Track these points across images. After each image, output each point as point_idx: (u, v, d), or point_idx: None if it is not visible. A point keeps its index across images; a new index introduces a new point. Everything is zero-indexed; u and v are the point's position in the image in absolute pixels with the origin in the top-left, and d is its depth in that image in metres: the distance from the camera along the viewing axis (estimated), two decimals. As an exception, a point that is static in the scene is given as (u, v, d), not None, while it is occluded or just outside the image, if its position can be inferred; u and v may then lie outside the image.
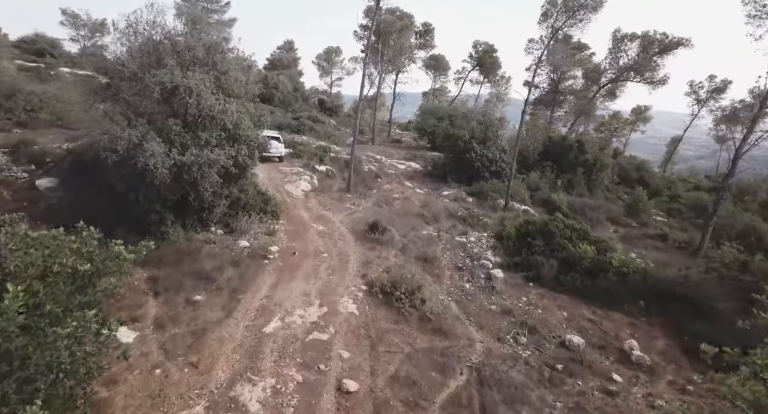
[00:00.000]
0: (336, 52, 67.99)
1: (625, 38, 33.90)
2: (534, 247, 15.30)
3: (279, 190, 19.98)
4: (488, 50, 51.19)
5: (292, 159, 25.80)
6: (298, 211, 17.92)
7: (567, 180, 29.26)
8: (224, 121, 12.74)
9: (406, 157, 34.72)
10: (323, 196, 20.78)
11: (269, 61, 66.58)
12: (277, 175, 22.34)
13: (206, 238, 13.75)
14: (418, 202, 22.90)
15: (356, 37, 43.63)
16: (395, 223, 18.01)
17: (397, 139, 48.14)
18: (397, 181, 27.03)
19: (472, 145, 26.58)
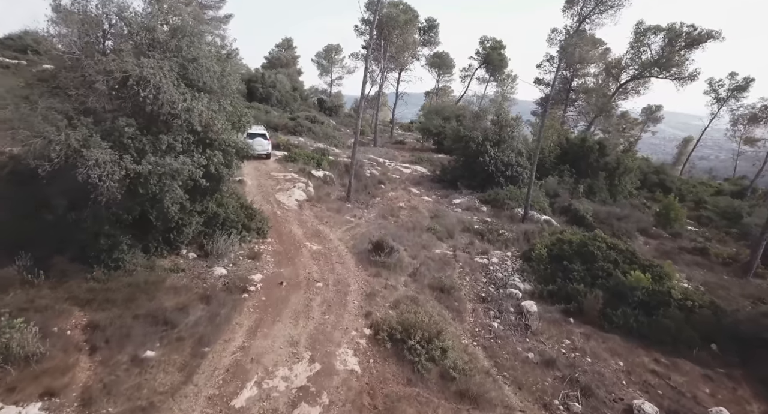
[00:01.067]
0: (336, 51, 65.44)
1: (648, 31, 31.29)
2: (571, 271, 12.63)
3: (269, 201, 17.34)
4: (496, 46, 48.52)
5: (286, 163, 23.17)
6: (290, 227, 15.27)
7: (587, 185, 26.58)
8: (191, 122, 10.10)
9: (411, 160, 32.06)
10: (320, 206, 18.13)
11: (267, 60, 64.01)
12: (268, 182, 19.70)
13: (174, 264, 11.11)
14: (427, 212, 20.26)
15: (357, 32, 41.05)
16: (403, 239, 15.37)
17: (400, 140, 45.53)
18: (402, 187, 24.38)
19: (486, 148, 23.93)
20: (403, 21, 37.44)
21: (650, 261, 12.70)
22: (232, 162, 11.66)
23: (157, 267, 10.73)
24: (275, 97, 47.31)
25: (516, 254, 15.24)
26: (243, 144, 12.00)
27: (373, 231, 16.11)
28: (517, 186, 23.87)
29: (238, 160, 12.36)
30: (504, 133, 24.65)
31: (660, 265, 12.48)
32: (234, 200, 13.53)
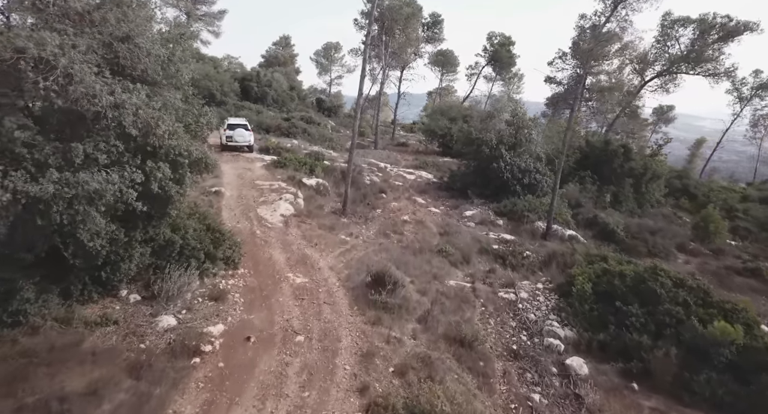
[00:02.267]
0: (335, 49, 62.58)
1: (676, 24, 28.40)
2: (627, 315, 9.72)
3: (248, 217, 14.45)
4: (504, 43, 45.56)
5: (274, 170, 20.27)
6: (271, 251, 12.36)
7: (612, 193, 23.65)
8: (121, 123, 7.21)
9: (414, 165, 29.14)
10: (310, 222, 15.22)
11: (264, 58, 61.20)
12: (251, 192, 16.80)
13: (103, 314, 8.21)
14: (435, 227, 17.36)
15: (357, 26, 38.15)
16: (409, 266, 12.48)
17: (402, 142, 42.61)
18: (406, 196, 21.47)
19: (500, 152, 21.02)
20: (405, 14, 34.55)
21: (730, 302, 9.77)
22: (184, 177, 8.76)
23: (76, 320, 7.83)
24: (271, 97, 44.54)
25: (548, 286, 12.31)
26: (201, 153, 9.10)
27: (373, 255, 13.22)
28: (536, 195, 20.96)
29: (196, 173, 9.47)
30: (521, 135, 21.74)
31: (744, 308, 9.54)
32: (196, 221, 10.63)
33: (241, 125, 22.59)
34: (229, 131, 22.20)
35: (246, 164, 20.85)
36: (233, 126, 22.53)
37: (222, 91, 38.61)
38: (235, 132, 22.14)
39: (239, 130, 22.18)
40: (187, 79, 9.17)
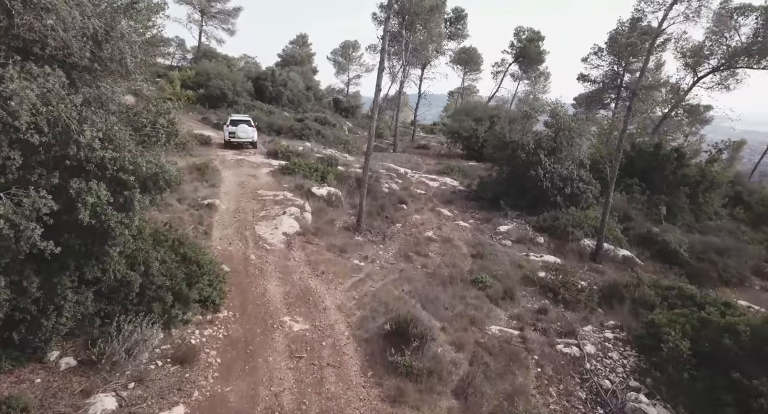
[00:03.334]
0: (353, 47, 60.10)
1: (735, 13, 25.11)
2: (753, 393, 6.86)
3: (243, 236, 11.97)
4: (533, 38, 42.36)
5: (281, 177, 17.80)
6: (265, 283, 9.83)
7: (664, 204, 20.52)
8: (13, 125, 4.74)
9: (438, 170, 26.40)
10: (317, 242, 12.65)
11: (281, 57, 59.10)
12: (251, 204, 14.34)
13: (8, 397, 5.75)
14: (466, 247, 14.65)
15: (375, 20, 35.62)
16: (438, 304, 9.84)
17: (423, 144, 39.87)
18: (429, 207, 18.77)
19: (539, 157, 18.16)
20: (428, 7, 31.83)
21: None
22: (132, 200, 6.23)
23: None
24: (286, 97, 42.33)
25: (620, 336, 9.45)
26: (156, 167, 6.59)
27: (392, 287, 10.60)
28: (580, 207, 18.04)
29: (153, 193, 6.97)
30: (562, 138, 18.82)
31: None
32: (167, 250, 8.14)
33: (244, 121, 22.15)
34: (231, 127, 21.76)
35: (250, 170, 18.44)
36: (236, 122, 22.09)
37: (234, 91, 36.52)
38: (237, 128, 21.67)
39: (242, 126, 21.72)
40: (133, 64, 6.63)
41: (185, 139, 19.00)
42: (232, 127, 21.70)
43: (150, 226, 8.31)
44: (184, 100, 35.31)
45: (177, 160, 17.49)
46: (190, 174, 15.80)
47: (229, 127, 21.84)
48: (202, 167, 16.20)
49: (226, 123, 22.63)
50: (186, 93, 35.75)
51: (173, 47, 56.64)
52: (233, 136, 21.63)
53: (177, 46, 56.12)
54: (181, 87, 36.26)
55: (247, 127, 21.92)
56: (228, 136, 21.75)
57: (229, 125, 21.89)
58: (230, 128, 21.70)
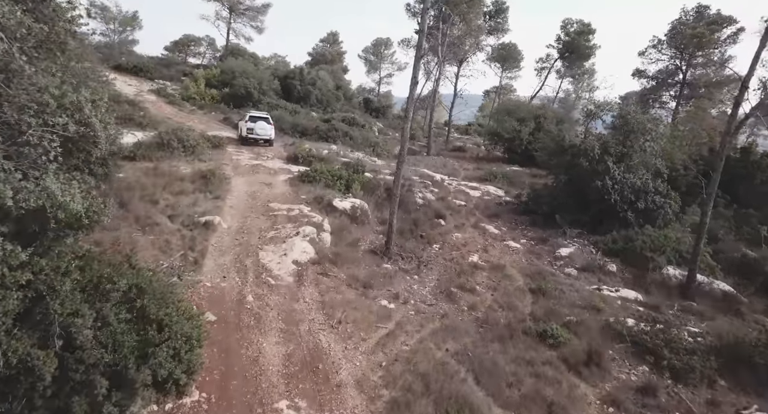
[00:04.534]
0: (386, 45, 57.48)
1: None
2: None
3: (243, 266, 9.39)
4: (583, 31, 38.51)
5: (300, 185, 15.25)
6: (262, 341, 7.18)
7: (755, 220, 16.86)
8: None
9: (478, 176, 23.33)
10: (336, 274, 9.95)
11: (311, 56, 57.03)
12: (259, 221, 11.78)
13: None
14: (521, 277, 11.68)
15: (409, 12, 32.85)
16: (498, 376, 6.97)
17: (458, 146, 36.80)
18: (472, 222, 15.81)
19: (606, 165, 14.93)
20: (467, -3, 28.87)
21: None
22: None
23: None
24: (315, 97, 39.96)
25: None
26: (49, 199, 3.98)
27: (432, 344, 7.79)
28: (656, 225, 14.73)
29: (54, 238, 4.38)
30: (633, 141, 15.51)
31: None
32: (113, 306, 5.56)
33: (263, 118, 21.66)
34: (250, 123, 21.07)
35: (266, 177, 15.97)
36: (255, 118, 21.45)
37: (260, 90, 34.41)
38: (256, 125, 21.03)
39: (260, 123, 21.16)
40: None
41: (195, 142, 16.74)
42: (250, 124, 20.99)
43: (90, 267, 5.76)
44: (208, 99, 33.52)
45: (183, 166, 15.27)
46: (193, 183, 13.41)
47: (247, 123, 21.07)
48: (208, 175, 13.78)
49: (243, 119, 22.00)
50: (210, 92, 33.91)
51: (203, 46, 55.56)
52: (251, 133, 20.89)
53: (207, 45, 54.97)
54: (205, 86, 34.46)
55: (265, 125, 21.25)
56: (246, 132, 20.90)
57: (248, 121, 21.15)
58: (248, 124, 20.96)
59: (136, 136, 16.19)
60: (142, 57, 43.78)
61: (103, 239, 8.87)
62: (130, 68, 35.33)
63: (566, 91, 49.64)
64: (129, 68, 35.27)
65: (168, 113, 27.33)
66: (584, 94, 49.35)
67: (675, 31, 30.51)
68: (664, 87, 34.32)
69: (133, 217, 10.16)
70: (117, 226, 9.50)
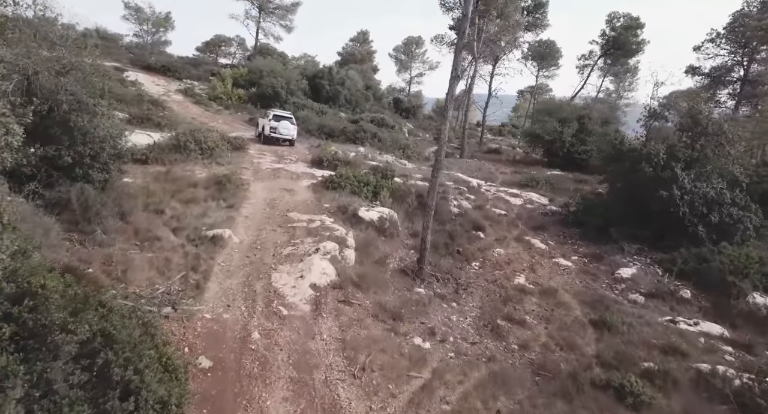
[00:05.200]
0: (417, 44, 55.91)
1: None
2: None
3: (251, 291, 7.95)
4: (630, 26, 35.86)
5: (323, 192, 13.82)
6: (265, 396, 5.71)
7: None
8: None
9: (517, 182, 21.40)
10: (359, 301, 8.42)
11: (340, 55, 55.95)
12: (275, 235, 10.37)
13: None
14: (577, 304, 9.90)
15: (443, 7, 31.02)
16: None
17: (493, 148, 34.80)
18: (514, 235, 14.03)
19: (674, 173, 12.88)
20: (506, -11, 26.92)
21: None
22: None
23: None
24: (344, 96, 38.77)
25: None
26: None
27: (478, 401, 6.16)
28: (733, 242, 12.59)
29: None
30: (705, 145, 13.37)
31: None
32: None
33: (287, 118, 21.52)
34: (274, 122, 20.94)
35: (287, 183, 14.63)
36: (279, 117, 21.28)
37: (288, 89, 33.35)
38: (280, 124, 20.87)
39: (284, 122, 20.99)
40: None
41: (213, 144, 15.55)
42: (274, 123, 20.87)
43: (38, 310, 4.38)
44: (234, 99, 32.69)
45: (199, 170, 14.07)
46: (206, 189, 12.14)
47: (271, 122, 20.90)
48: (223, 180, 12.48)
49: (266, 117, 21.72)
50: (237, 92, 33.09)
51: (234, 47, 55.28)
52: (274, 132, 20.76)
53: (238, 45, 54.66)
54: (232, 85, 33.66)
55: (288, 125, 21.05)
56: (269, 131, 20.70)
57: (272, 120, 21.00)
58: (272, 123, 20.85)
59: (152, 137, 15.12)
60: (171, 56, 43.58)
61: (92, 258, 7.62)
62: (158, 68, 34.94)
63: (606, 91, 46.77)
64: (158, 68, 34.89)
65: (194, 113, 26.54)
66: (626, 94, 46.51)
67: (736, 24, 27.71)
68: (721, 85, 31.39)
69: (132, 230, 8.90)
70: (112, 242, 8.24)
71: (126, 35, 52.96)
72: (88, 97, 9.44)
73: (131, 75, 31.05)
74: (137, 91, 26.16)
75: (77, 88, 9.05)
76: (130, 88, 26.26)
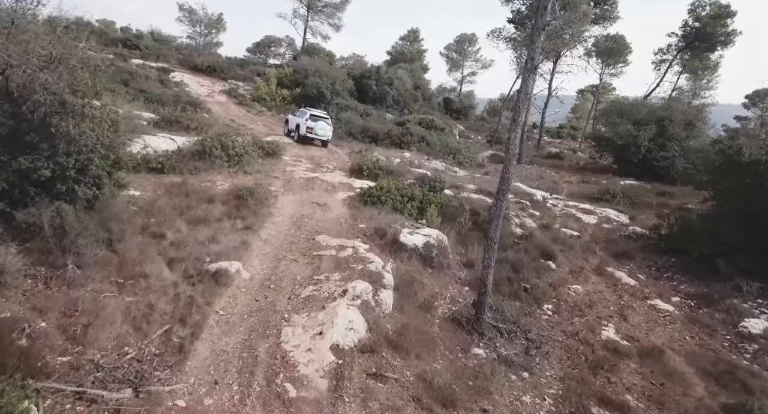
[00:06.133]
0: (470, 41, 52.83)
1: None
2: None
3: (252, 356, 5.86)
4: (719, 14, 31.33)
5: (361, 208, 11.64)
6: None
7: None
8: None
9: (586, 193, 18.33)
10: (397, 372, 6.15)
11: (389, 54, 53.88)
12: (297, 267, 8.27)
13: None
14: (695, 374, 7.15)
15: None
16: None
17: (553, 152, 31.45)
18: (593, 265, 11.25)
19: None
20: (573, -25, 23.73)
21: None
22: None
23: None
24: (391, 97, 36.61)
25: None
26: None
27: None
28: None
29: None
30: None
31: None
32: None
33: (323, 118, 20.89)
34: (311, 122, 20.37)
35: (321, 196, 12.59)
36: (316, 118, 20.64)
37: (333, 90, 31.59)
38: (317, 124, 20.31)
39: (321, 123, 20.41)
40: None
41: (242, 150, 13.80)
42: (311, 123, 20.30)
43: None
44: (278, 99, 31.33)
45: (221, 180, 12.31)
46: (224, 205, 10.28)
47: (308, 122, 20.28)
48: (244, 194, 10.58)
49: (296, 114, 21.32)
50: (281, 92, 31.70)
51: (283, 47, 54.55)
52: (311, 132, 20.20)
53: (287, 45, 53.86)
54: (276, 86, 32.33)
55: (325, 125, 20.46)
56: (305, 130, 20.11)
57: (308, 120, 20.40)
58: (309, 123, 20.26)
59: (176, 141, 13.55)
60: (219, 56, 43.10)
61: (52, 304, 5.83)
62: (205, 68, 34.23)
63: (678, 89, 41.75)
64: (204, 68, 34.17)
65: (234, 115, 25.25)
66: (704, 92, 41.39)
67: None
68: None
69: (117, 263, 7.06)
70: (84, 281, 6.44)
71: (179, 37, 53.57)
72: (78, 96, 7.73)
73: (177, 76, 30.40)
74: (179, 91, 25.23)
75: (60, 86, 7.34)
76: (173, 89, 25.39)
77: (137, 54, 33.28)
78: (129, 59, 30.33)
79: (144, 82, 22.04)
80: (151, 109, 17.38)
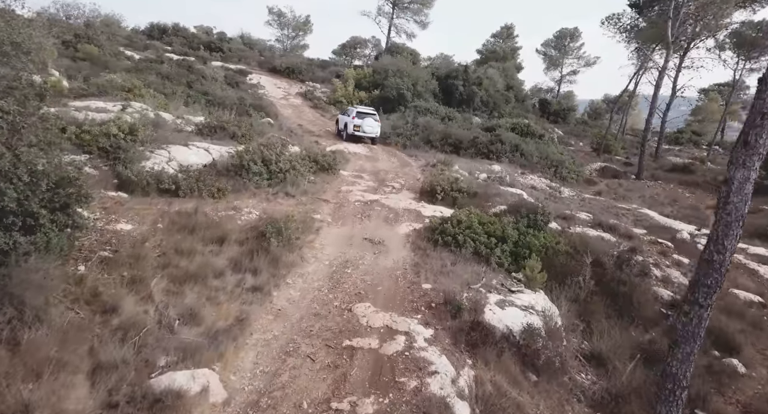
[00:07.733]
0: (572, 36, 46.77)
1: None
2: None
3: None
4: None
5: (428, 252, 8.15)
6: None
7: None
8: None
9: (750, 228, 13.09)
10: None
11: (480, 53, 49.39)
12: (310, 375, 5.00)
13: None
14: None
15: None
16: None
17: (678, 164, 25.27)
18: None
19: None
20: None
21: None
22: None
23: None
24: (480, 98, 32.56)
25: None
26: None
27: None
28: None
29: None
30: None
31: None
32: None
33: (370, 114, 20.19)
34: (358, 120, 19.62)
35: (378, 229, 9.31)
36: (363, 115, 19.91)
37: (414, 91, 28.35)
38: (364, 121, 19.60)
39: (368, 120, 19.74)
40: None
41: (288, 165, 10.99)
42: (358, 120, 19.56)
43: None
44: (356, 102, 28.74)
45: (249, 207, 9.52)
46: (241, 246, 7.37)
47: (354, 119, 19.55)
48: (268, 233, 7.55)
49: (348, 114, 20.26)
50: (359, 94, 29.10)
51: (369, 48, 52.52)
52: (358, 129, 19.49)
53: (373, 46, 51.78)
54: (354, 87, 29.80)
55: (372, 122, 19.84)
56: (353, 128, 19.41)
57: (355, 118, 19.67)
58: (356, 121, 19.53)
59: (211, 153, 11.06)
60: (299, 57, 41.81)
61: None
62: (283, 70, 32.75)
63: None
64: (282, 70, 32.71)
65: (306, 119, 23.00)
66: None
67: None
68: None
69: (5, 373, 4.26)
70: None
71: (268, 40, 53.73)
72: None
73: (254, 78, 29.08)
74: (252, 93, 23.52)
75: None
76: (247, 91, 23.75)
77: (218, 57, 32.68)
78: (209, 61, 29.60)
79: (209, 83, 20.41)
80: (207, 113, 15.40)
